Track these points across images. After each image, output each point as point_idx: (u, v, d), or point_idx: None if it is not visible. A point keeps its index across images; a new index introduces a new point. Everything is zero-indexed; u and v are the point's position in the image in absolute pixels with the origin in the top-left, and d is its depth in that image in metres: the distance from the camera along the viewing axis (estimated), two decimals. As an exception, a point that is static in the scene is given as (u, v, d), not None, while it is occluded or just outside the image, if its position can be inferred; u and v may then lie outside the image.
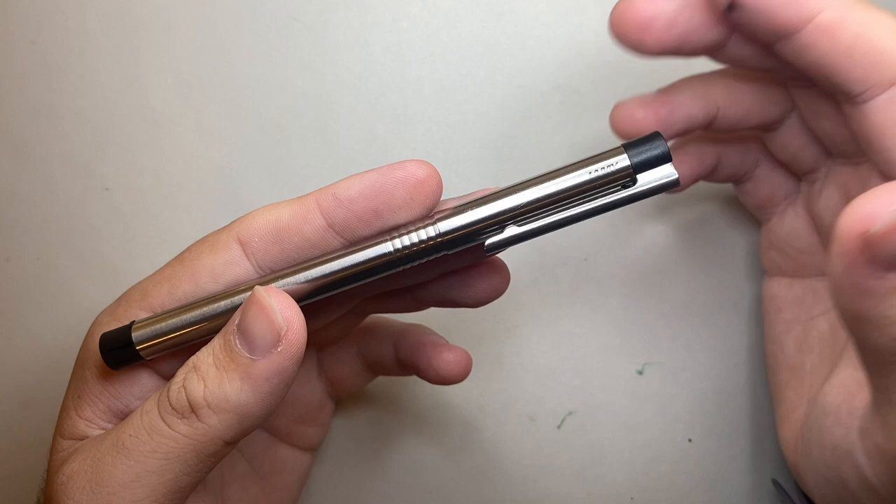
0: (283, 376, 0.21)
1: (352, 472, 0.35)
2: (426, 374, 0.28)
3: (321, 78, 0.35)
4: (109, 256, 0.34)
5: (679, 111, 0.26)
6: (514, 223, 0.21)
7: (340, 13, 0.35)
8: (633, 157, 0.21)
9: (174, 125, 0.35)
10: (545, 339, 0.34)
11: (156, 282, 0.23)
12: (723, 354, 0.34)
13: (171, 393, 0.21)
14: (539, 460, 0.34)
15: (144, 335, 0.22)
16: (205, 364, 0.21)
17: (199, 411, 0.21)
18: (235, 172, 0.35)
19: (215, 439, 0.21)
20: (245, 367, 0.20)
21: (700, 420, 0.34)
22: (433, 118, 0.34)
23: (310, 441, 0.32)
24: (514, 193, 0.21)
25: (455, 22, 0.34)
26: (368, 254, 0.21)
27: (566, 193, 0.21)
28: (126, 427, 0.21)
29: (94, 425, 0.23)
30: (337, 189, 0.22)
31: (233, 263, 0.22)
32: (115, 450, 0.21)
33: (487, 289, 0.25)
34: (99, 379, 0.23)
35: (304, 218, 0.22)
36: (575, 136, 0.34)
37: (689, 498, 0.34)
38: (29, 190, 0.35)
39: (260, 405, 0.21)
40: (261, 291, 0.21)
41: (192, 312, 0.22)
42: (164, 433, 0.21)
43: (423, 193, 0.21)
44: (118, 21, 0.35)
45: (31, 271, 0.35)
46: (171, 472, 0.21)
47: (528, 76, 0.34)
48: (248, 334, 0.20)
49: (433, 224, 0.21)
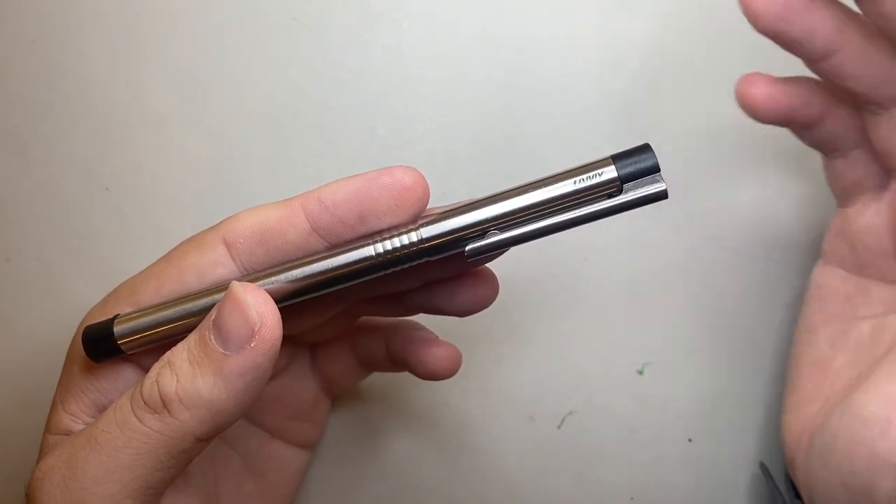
0: (256, 372, 0.21)
1: (350, 471, 0.35)
2: (416, 370, 0.28)
3: (321, 78, 0.35)
4: (109, 256, 0.34)
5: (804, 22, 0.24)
6: (497, 230, 0.21)
7: (340, 13, 0.35)
8: (621, 169, 0.21)
9: (174, 125, 0.35)
10: (545, 339, 0.34)
11: (144, 279, 0.23)
12: (722, 354, 0.34)
13: (143, 388, 0.21)
14: (539, 460, 0.34)
15: (126, 329, 0.22)
16: (179, 359, 0.21)
17: (171, 406, 0.20)
18: (235, 172, 0.35)
19: (186, 435, 0.21)
20: (218, 363, 0.20)
21: (700, 420, 0.34)
22: (433, 118, 0.34)
23: (305, 438, 0.32)
24: (498, 202, 0.21)
25: (455, 22, 0.34)
26: (350, 257, 0.21)
27: (549, 203, 0.21)
28: (99, 422, 0.21)
29: (78, 420, 0.23)
30: (322, 193, 0.22)
31: (218, 264, 0.22)
32: (89, 445, 0.21)
33: (473, 298, 0.25)
34: (84, 374, 0.23)
35: (288, 221, 0.22)
36: (575, 136, 0.34)
37: (689, 498, 0.34)
38: (29, 190, 0.35)
39: (233, 401, 0.21)
40: (237, 287, 0.21)
41: (172, 309, 0.22)
42: (135, 428, 0.21)
43: (408, 200, 0.21)
44: (118, 21, 0.35)
45: (31, 271, 0.35)
46: (142, 467, 0.21)
47: (528, 76, 0.34)
48: (223, 329, 0.20)
49: (416, 230, 0.21)
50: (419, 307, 0.26)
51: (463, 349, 0.30)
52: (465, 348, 0.30)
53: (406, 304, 0.26)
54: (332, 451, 0.35)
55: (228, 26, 0.35)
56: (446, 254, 0.22)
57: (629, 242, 0.34)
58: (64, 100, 0.35)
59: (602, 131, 0.34)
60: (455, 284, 0.25)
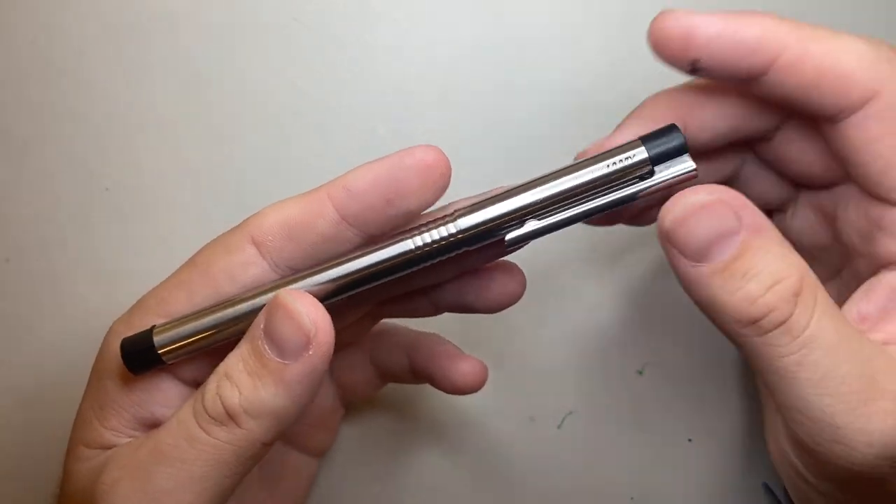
0: (315, 376, 0.21)
1: (351, 472, 0.35)
2: (441, 384, 0.28)
3: (321, 78, 0.35)
4: (109, 256, 0.34)
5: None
6: (534, 217, 0.22)
7: (340, 13, 0.35)
8: (651, 150, 0.21)
9: (174, 125, 0.35)
10: (545, 339, 0.34)
11: (171, 287, 0.23)
12: (722, 354, 0.34)
13: (206, 402, 0.21)
14: (539, 460, 0.34)
15: (166, 339, 0.22)
16: (236, 371, 0.21)
17: (238, 418, 0.21)
18: (235, 172, 0.34)
19: (255, 442, 0.21)
20: (278, 373, 0.21)
21: (700, 420, 0.34)
22: (433, 118, 0.34)
23: (320, 446, 0.32)
24: (533, 188, 0.22)
25: (455, 22, 0.34)
26: (390, 252, 0.22)
27: (585, 187, 0.21)
28: (164, 436, 0.22)
29: (120, 434, 0.23)
30: (347, 180, 0.22)
31: (249, 264, 0.22)
32: (156, 459, 0.21)
33: (503, 295, 0.25)
34: (122, 388, 0.23)
35: (316, 212, 0.22)
36: (575, 135, 0.34)
37: (689, 498, 0.34)
38: (29, 190, 0.35)
39: (295, 406, 0.21)
40: (285, 296, 0.21)
41: (211, 316, 0.22)
42: (204, 441, 0.21)
43: (432, 178, 0.21)
44: (118, 21, 0.35)
45: (31, 271, 0.35)
46: (214, 476, 0.21)
47: (528, 76, 0.34)
48: (278, 339, 0.21)
49: (453, 221, 0.21)
50: (448, 305, 0.26)
51: (463, 349, 0.30)
52: (465, 348, 0.30)
53: (435, 301, 0.26)
54: (333, 451, 0.35)
55: (228, 26, 0.35)
56: (485, 242, 0.22)
57: (629, 242, 0.34)
58: (64, 100, 0.35)
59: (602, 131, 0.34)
60: (485, 281, 0.25)
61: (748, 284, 0.20)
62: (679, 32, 0.22)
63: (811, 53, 0.21)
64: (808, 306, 0.20)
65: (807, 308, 0.20)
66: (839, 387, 0.20)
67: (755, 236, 0.20)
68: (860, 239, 0.24)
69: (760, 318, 0.20)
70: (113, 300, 0.34)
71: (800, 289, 0.20)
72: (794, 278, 0.20)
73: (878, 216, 0.23)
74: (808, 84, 0.22)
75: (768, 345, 0.20)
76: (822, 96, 0.22)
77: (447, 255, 0.22)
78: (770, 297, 0.20)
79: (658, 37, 0.22)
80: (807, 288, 0.20)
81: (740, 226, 0.20)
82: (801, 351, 0.20)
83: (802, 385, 0.20)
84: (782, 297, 0.20)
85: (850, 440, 0.20)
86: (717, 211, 0.20)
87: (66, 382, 0.34)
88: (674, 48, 0.22)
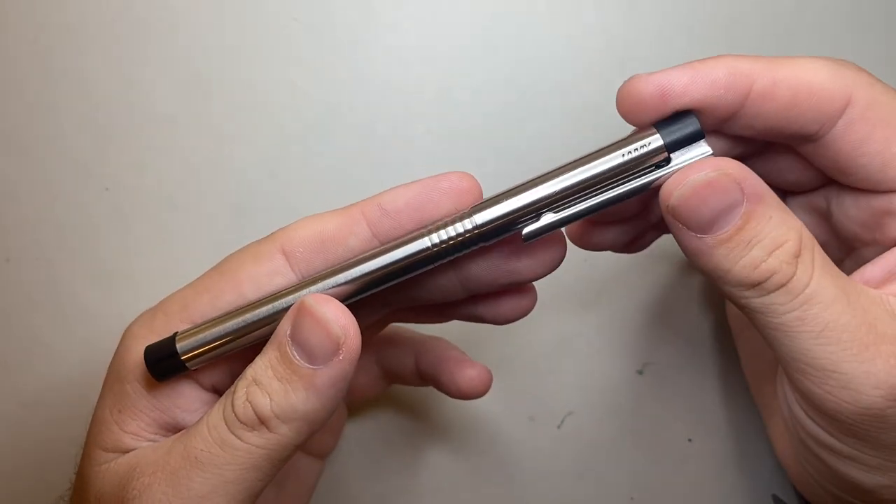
0: (344, 380, 0.21)
1: (351, 472, 0.35)
2: (447, 389, 0.29)
3: (321, 78, 0.35)
4: (109, 256, 0.34)
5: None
6: (551, 210, 0.21)
7: (340, 13, 0.35)
8: (666, 137, 0.21)
9: (174, 125, 0.35)
10: (545, 340, 0.34)
11: (196, 292, 0.23)
12: (722, 354, 0.34)
13: (236, 408, 0.22)
14: (539, 460, 0.34)
15: (189, 345, 0.22)
16: (265, 377, 0.21)
17: (269, 423, 0.21)
18: (235, 172, 0.34)
19: (287, 446, 0.22)
20: (308, 378, 0.21)
21: (700, 420, 0.34)
22: (433, 118, 0.34)
23: (325, 447, 0.32)
24: (548, 181, 0.21)
25: (455, 22, 0.34)
26: (407, 250, 0.22)
27: (601, 178, 0.21)
28: (195, 442, 0.22)
29: (140, 438, 0.23)
30: (383, 200, 0.22)
31: (276, 273, 0.22)
32: (189, 464, 0.22)
33: (516, 310, 0.26)
34: (143, 393, 0.23)
35: (349, 229, 0.22)
36: (575, 135, 0.34)
37: (689, 498, 0.34)
38: (29, 190, 0.35)
39: (325, 409, 0.22)
40: (311, 302, 0.21)
41: (233, 320, 0.22)
42: (237, 446, 0.21)
43: (467, 202, 0.22)
44: (118, 21, 0.35)
45: (31, 271, 0.35)
46: (247, 480, 0.22)
47: (528, 76, 0.34)
48: (307, 346, 0.21)
49: (469, 217, 0.21)
50: (458, 316, 0.26)
51: (463, 349, 0.30)
52: (465, 348, 0.30)
53: (446, 312, 0.26)
54: (335, 451, 0.35)
55: (229, 26, 0.35)
56: (502, 237, 0.22)
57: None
58: (64, 100, 0.35)
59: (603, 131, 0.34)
60: (499, 296, 0.25)
61: (751, 251, 0.21)
62: (654, 90, 0.22)
63: (781, 77, 0.22)
64: (808, 266, 0.21)
65: (806, 267, 0.21)
66: (840, 335, 0.21)
67: (756, 205, 0.21)
68: (864, 229, 0.24)
69: (763, 282, 0.21)
70: (113, 300, 0.34)
71: (799, 250, 0.21)
72: (793, 241, 0.21)
73: (884, 205, 0.23)
74: (786, 106, 0.22)
75: (771, 304, 0.21)
76: (802, 114, 0.22)
77: (464, 252, 0.22)
78: (772, 261, 0.21)
79: (634, 100, 0.22)
80: (805, 248, 0.21)
81: (743, 197, 0.21)
82: (803, 307, 0.21)
83: (805, 338, 0.21)
84: (783, 259, 0.21)
85: (857, 384, 0.21)
86: (722, 186, 0.21)
87: (67, 382, 0.34)
88: (651, 105, 0.22)
